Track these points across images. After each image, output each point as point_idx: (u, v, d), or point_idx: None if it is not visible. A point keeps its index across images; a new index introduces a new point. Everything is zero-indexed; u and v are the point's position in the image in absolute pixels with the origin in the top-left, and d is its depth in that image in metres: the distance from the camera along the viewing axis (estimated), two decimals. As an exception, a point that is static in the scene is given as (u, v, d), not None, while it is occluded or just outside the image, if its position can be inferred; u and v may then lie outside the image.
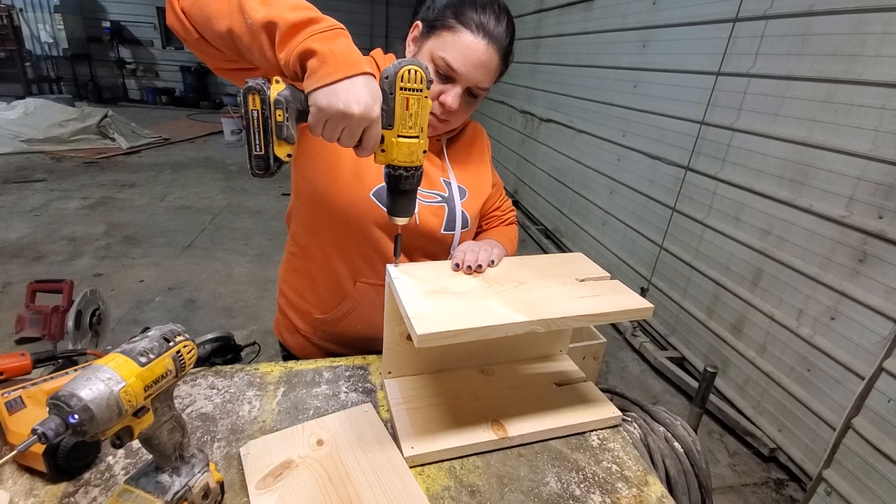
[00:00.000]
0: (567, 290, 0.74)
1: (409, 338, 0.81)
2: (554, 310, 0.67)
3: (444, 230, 0.90)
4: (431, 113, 0.80)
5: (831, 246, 1.84)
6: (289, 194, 0.99)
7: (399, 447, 0.71)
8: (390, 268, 0.76)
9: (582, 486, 0.69)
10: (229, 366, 0.89)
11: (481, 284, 0.74)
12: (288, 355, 1.09)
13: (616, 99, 3.30)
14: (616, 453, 0.75)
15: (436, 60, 0.79)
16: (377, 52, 0.91)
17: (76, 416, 0.42)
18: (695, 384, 2.47)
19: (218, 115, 7.64)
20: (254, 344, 1.95)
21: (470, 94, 0.82)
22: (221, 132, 7.33)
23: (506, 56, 0.82)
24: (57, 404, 0.43)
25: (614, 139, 3.32)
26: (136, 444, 0.69)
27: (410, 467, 0.69)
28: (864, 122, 1.73)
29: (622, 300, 0.72)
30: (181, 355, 0.53)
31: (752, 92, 2.22)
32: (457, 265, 0.78)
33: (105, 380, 0.45)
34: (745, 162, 2.26)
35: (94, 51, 9.75)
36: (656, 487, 0.70)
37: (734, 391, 2.30)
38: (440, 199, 0.90)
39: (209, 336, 1.23)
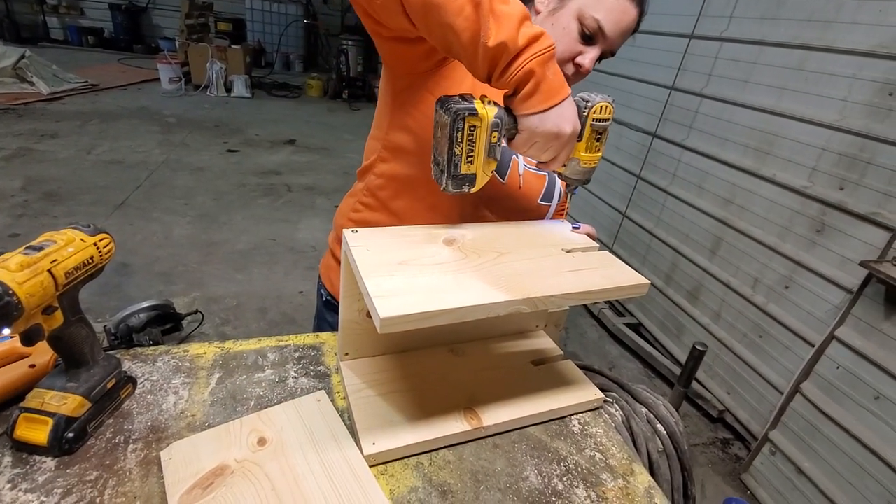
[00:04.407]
0: (554, 263, 0.65)
1: (369, 315, 0.70)
2: (541, 287, 0.58)
3: (542, 200, 0.87)
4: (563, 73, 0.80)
5: (791, 216, 1.86)
6: (235, 150, 0.83)
7: (358, 443, 0.61)
8: (347, 233, 0.63)
9: (564, 479, 0.62)
10: (151, 348, 0.75)
11: (456, 255, 0.63)
12: (330, 302, 0.97)
13: (584, 60, 3.19)
14: (599, 439, 0.69)
15: (584, 19, 0.74)
16: None
17: None
18: (650, 349, 2.52)
19: (153, 61, 6.92)
20: (196, 312, 1.77)
21: (600, 57, 0.79)
22: (158, 80, 6.66)
23: (640, 22, 0.79)
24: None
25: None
26: (24, 454, 0.56)
27: (371, 466, 0.59)
28: (834, 91, 1.71)
29: (615, 275, 0.64)
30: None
31: (724, 57, 2.17)
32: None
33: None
34: (711, 130, 2.23)
35: (8, -18, 8.51)
36: (643, 477, 0.64)
37: (687, 356, 2.36)
38: None
39: (145, 304, 1.08)
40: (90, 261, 0.57)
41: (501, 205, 0.84)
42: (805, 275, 1.80)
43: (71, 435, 0.56)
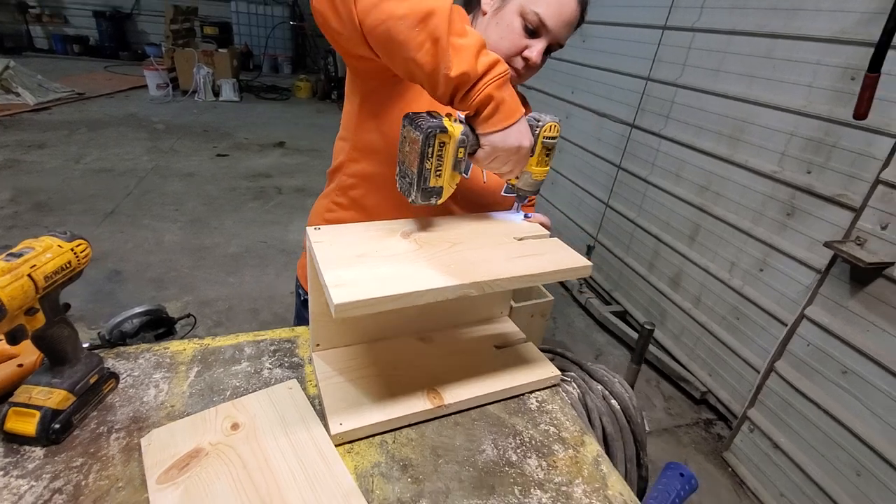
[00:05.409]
0: (504, 251, 0.69)
1: (337, 307, 0.75)
2: (488, 271, 0.62)
3: (506, 192, 0.91)
4: (512, 67, 0.82)
5: (763, 200, 1.92)
6: (224, 155, 0.87)
7: (326, 425, 0.65)
8: (310, 231, 0.68)
9: (518, 451, 0.67)
10: (133, 346, 0.79)
11: (411, 247, 0.67)
12: (308, 301, 1.02)
13: (565, 53, 3.22)
14: (554, 415, 0.74)
15: (527, 15, 0.78)
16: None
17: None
18: (635, 336, 2.57)
19: (140, 68, 6.91)
20: (189, 316, 1.82)
21: (548, 49, 0.82)
22: (145, 86, 6.66)
23: (584, 12, 0.82)
24: None
25: (563, 96, 3.27)
26: (14, 445, 0.60)
27: (339, 445, 0.64)
28: (800, 77, 1.76)
29: (561, 259, 0.68)
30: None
31: (696, 47, 2.22)
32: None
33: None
34: (687, 119, 2.28)
35: (-12, -8, 8.45)
36: (592, 447, 0.69)
37: (671, 340, 2.42)
38: None
39: (137, 309, 1.11)
40: (68, 265, 0.61)
41: (467, 198, 0.88)
42: (778, 257, 1.85)
43: (57, 426, 0.60)
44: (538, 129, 0.70)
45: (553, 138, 0.71)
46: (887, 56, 1.33)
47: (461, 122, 0.65)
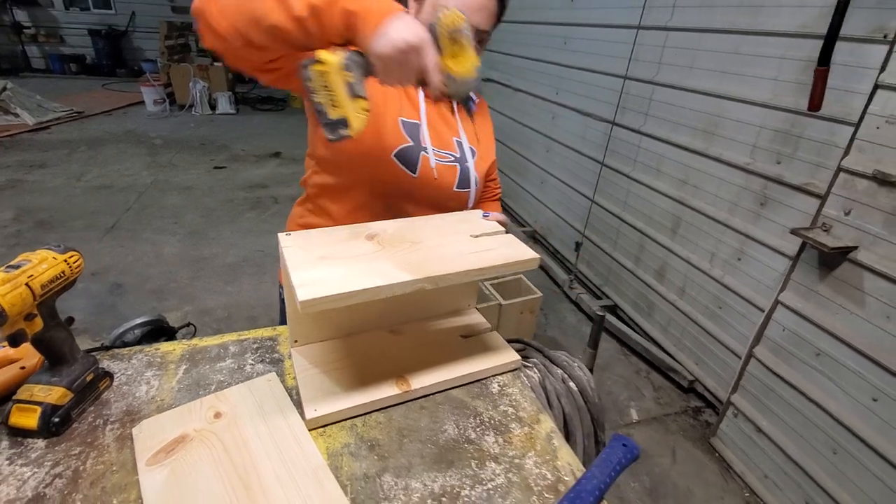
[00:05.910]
0: (459, 248, 0.76)
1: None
2: (442, 267, 0.69)
3: (458, 188, 0.97)
4: None
5: (738, 192, 1.98)
6: (221, 167, 0.97)
7: (302, 412, 0.72)
8: (281, 236, 0.75)
9: (478, 430, 0.73)
10: (127, 348, 0.86)
11: (374, 247, 0.74)
12: None
13: (549, 56, 3.31)
14: (513, 397, 0.80)
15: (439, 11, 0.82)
16: None
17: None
18: (625, 329, 2.63)
19: (137, 84, 7.03)
20: (188, 325, 1.89)
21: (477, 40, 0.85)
22: (142, 102, 6.78)
23: (504, 3, 0.87)
24: None
25: (548, 97, 3.34)
26: (18, 438, 0.67)
27: (312, 429, 0.70)
28: (766, 71, 1.82)
29: (510, 253, 0.75)
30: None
31: (670, 45, 2.28)
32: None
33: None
34: (664, 115, 2.34)
35: (-17, 14, 8.62)
36: (546, 425, 0.75)
37: (658, 331, 2.48)
38: (453, 158, 0.97)
39: (138, 320, 1.17)
40: (62, 275, 0.68)
41: (421, 196, 0.95)
42: (754, 246, 1.91)
43: (57, 420, 0.67)
44: (437, 26, 0.67)
45: (457, 28, 0.66)
46: (840, 48, 1.39)
47: (349, 50, 0.65)
